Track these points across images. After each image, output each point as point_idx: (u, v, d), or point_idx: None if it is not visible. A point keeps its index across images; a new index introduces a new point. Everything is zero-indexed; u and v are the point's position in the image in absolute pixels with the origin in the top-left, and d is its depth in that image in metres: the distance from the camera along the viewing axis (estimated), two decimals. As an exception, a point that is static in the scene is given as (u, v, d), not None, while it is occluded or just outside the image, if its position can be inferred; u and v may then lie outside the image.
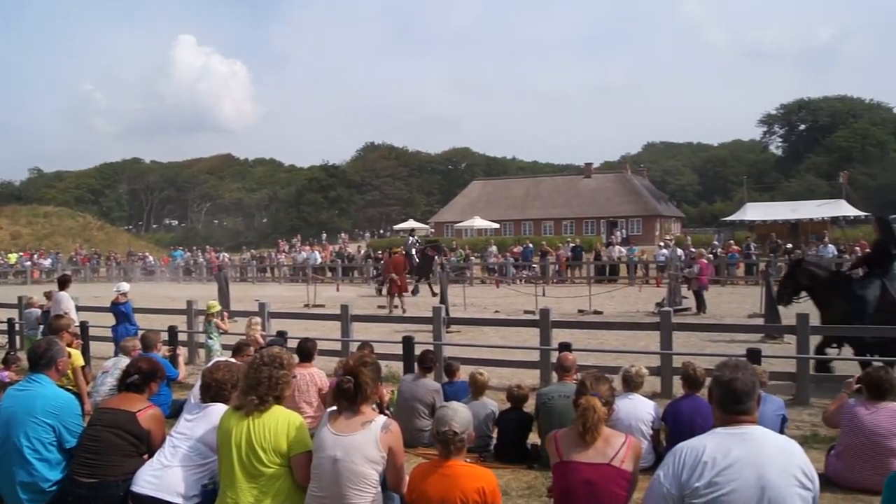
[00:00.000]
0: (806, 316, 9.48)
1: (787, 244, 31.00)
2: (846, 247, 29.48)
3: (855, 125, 75.10)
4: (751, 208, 41.50)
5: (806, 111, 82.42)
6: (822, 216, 38.15)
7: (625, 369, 6.57)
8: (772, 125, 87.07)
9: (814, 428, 7.88)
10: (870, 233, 36.67)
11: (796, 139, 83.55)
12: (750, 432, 3.02)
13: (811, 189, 60.09)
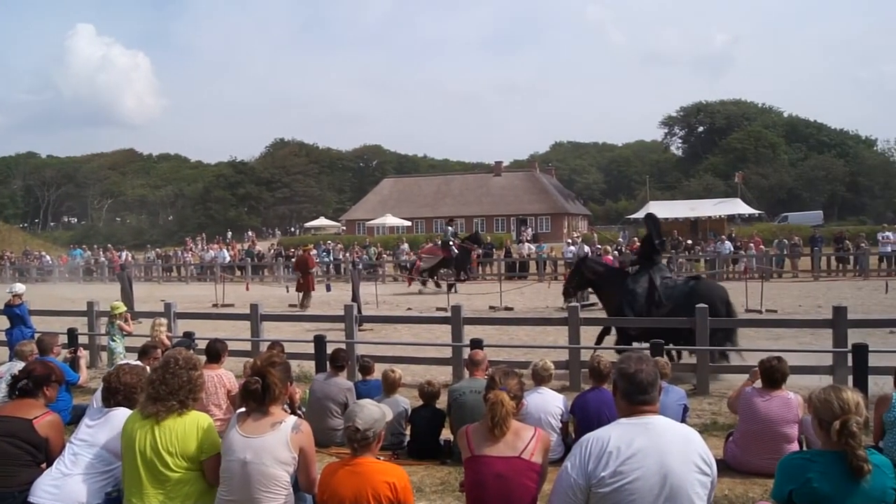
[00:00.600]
0: (705, 309, 9.91)
1: (687, 241, 32.34)
2: (741, 243, 30.90)
3: (749, 128, 78.75)
4: (653, 206, 42.92)
5: (704, 114, 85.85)
6: (719, 214, 39.89)
7: (534, 364, 6.71)
8: (672, 127, 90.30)
9: (713, 416, 8.26)
10: (763, 230, 38.65)
11: (695, 140, 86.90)
12: (652, 422, 3.15)
13: (709, 188, 62.65)
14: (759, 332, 12.67)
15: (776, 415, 5.79)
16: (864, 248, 28.46)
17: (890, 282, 22.09)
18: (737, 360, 10.15)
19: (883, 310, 16.48)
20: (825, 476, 3.20)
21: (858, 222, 51.66)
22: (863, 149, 76.83)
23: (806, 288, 23.02)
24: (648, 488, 2.99)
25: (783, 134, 79.48)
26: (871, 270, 27.08)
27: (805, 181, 65.92)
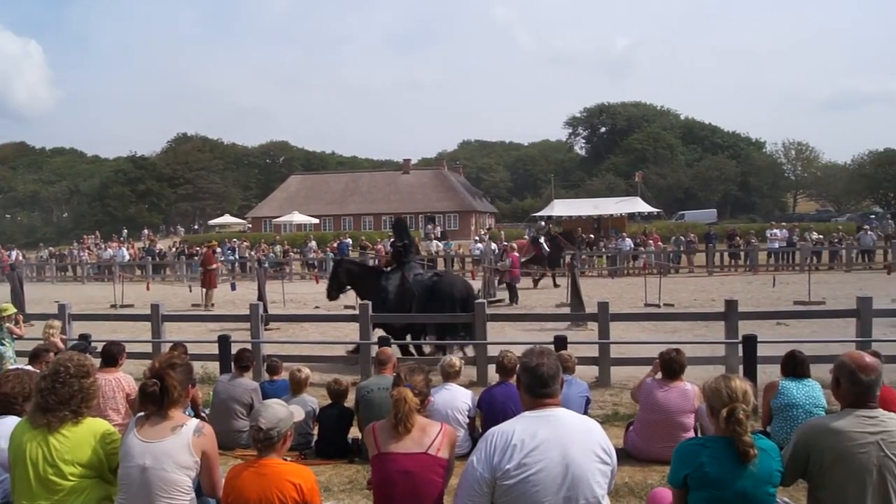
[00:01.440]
0: (606, 304, 10.24)
1: (590, 238, 33.24)
2: (641, 240, 31.98)
3: (648, 129, 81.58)
4: (558, 205, 43.88)
5: (606, 115, 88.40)
6: (620, 212, 41.15)
7: (441, 361, 6.78)
8: (576, 127, 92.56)
9: (615, 407, 8.53)
10: (662, 227, 40.11)
11: (598, 141, 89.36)
12: (555, 414, 3.24)
13: (611, 187, 64.54)
14: (656, 325, 13.16)
15: (674, 405, 6.03)
16: (754, 245, 29.97)
17: (777, 276, 23.38)
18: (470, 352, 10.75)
19: (771, 303, 17.39)
20: (716, 460, 3.37)
21: (749, 220, 54.37)
22: (753, 150, 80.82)
23: (701, 282, 24.04)
24: (551, 479, 3.07)
25: (680, 136, 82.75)
26: (760, 266, 28.53)
27: (700, 181, 68.77)
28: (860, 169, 60.54)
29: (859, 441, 3.44)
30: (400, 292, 11.68)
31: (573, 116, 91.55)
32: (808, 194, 72.70)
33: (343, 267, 13.02)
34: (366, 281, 12.33)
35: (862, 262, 28.74)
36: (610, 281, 25.26)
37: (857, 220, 42.89)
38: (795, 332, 12.16)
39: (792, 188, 74.54)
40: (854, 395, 3.60)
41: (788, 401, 5.81)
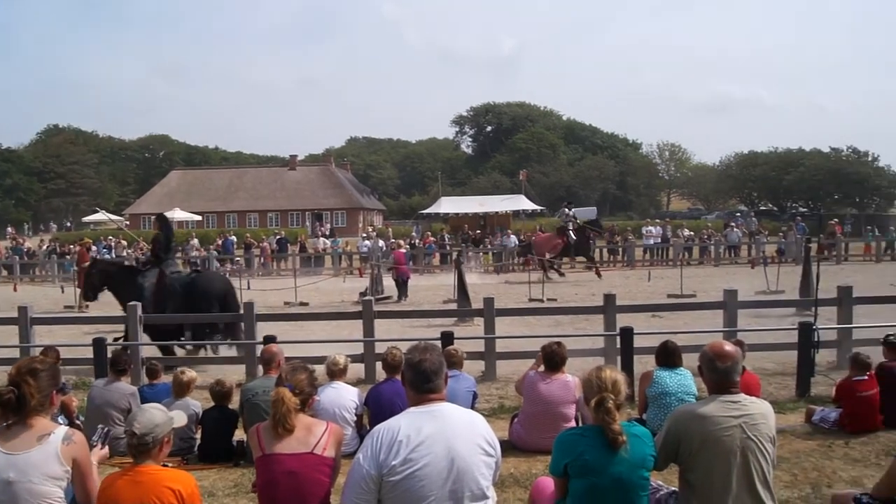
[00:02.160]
0: (491, 300, 10.46)
1: (476, 234, 33.75)
2: (525, 237, 32.74)
3: (532, 129, 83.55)
4: (445, 202, 44.31)
5: (492, 114, 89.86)
6: (505, 209, 42.00)
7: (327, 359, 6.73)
8: (463, 126, 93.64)
9: (500, 400, 8.74)
10: (545, 224, 41.17)
11: (484, 139, 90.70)
12: (439, 409, 3.29)
13: (497, 185, 65.67)
14: (540, 319, 13.54)
15: (556, 396, 6.24)
16: (631, 242, 31.33)
17: (652, 271, 24.51)
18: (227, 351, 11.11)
19: (646, 296, 18.23)
20: (593, 448, 3.52)
21: (626, 217, 56.67)
22: (630, 151, 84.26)
23: (582, 277, 24.85)
24: (437, 473, 3.12)
25: (562, 136, 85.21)
26: (636, 261, 29.84)
27: (581, 180, 71.03)
28: (727, 170, 64.15)
29: (724, 425, 3.69)
30: (157, 291, 11.62)
31: (460, 115, 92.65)
32: (681, 193, 76.49)
33: (97, 268, 12.95)
34: (122, 281, 12.20)
35: (729, 257, 30.56)
36: (495, 277, 25.75)
37: (725, 217, 45.48)
38: (669, 323, 12.75)
39: (666, 187, 78.19)
40: (714, 382, 3.87)
41: (662, 389, 6.13)
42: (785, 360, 9.87)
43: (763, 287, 18.09)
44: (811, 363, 8.83)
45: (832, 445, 6.34)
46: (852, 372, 6.94)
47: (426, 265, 29.86)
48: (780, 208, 57.67)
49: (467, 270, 18.59)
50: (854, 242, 32.44)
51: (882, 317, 11.03)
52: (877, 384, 6.68)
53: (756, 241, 30.92)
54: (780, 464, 5.66)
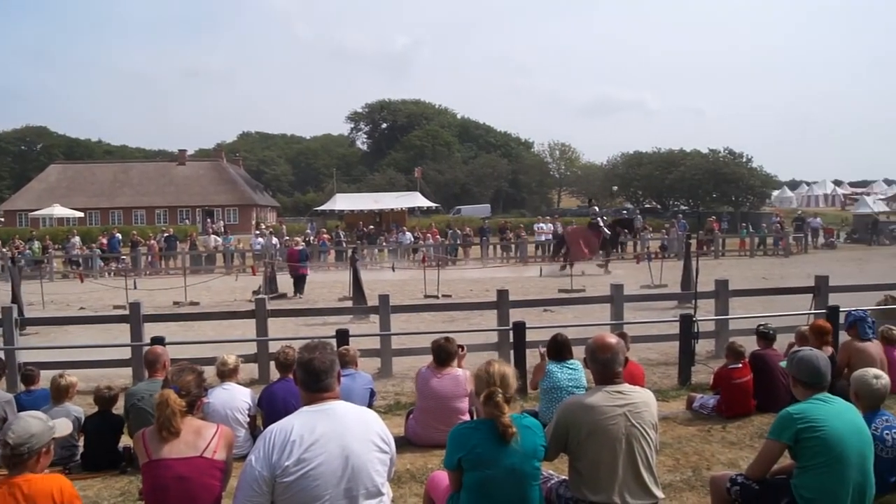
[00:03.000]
0: (387, 297, 10.47)
1: (371, 231, 33.65)
2: (420, 234, 32.89)
3: (427, 127, 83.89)
4: (340, 199, 43.93)
5: (387, 111, 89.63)
6: (401, 206, 42.05)
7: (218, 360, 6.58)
8: (358, 122, 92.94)
9: (397, 397, 8.77)
10: (439, 221, 41.49)
11: (379, 136, 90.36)
12: (333, 408, 3.27)
13: (392, 182, 65.56)
14: (435, 315, 13.65)
15: (448, 391, 6.31)
16: (524, 238, 32.01)
17: (543, 266, 25.11)
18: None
19: (538, 291, 18.66)
20: (486, 441, 3.59)
21: (519, 215, 57.71)
22: (522, 150, 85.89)
23: (476, 274, 25.20)
24: (331, 472, 3.11)
25: (457, 134, 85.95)
26: (529, 257, 30.50)
27: (475, 177, 71.83)
28: (614, 169, 66.27)
29: (609, 414, 3.84)
30: None
31: (355, 112, 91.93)
32: (571, 191, 78.46)
33: None
34: None
35: (616, 253, 31.64)
36: (391, 273, 25.75)
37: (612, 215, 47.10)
38: (560, 317, 13.15)
39: (556, 185, 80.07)
40: (598, 373, 4.03)
41: (553, 383, 6.31)
42: (668, 351, 10.36)
43: (648, 281, 18.87)
44: (691, 353, 9.30)
45: (711, 430, 6.69)
46: (728, 360, 7.35)
47: (321, 262, 29.52)
48: (663, 206, 60.16)
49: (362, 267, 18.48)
50: (730, 238, 34.32)
51: (755, 308, 11.76)
52: (750, 371, 7.10)
53: (641, 237, 32.24)
54: (664, 449, 5.94)
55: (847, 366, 6.81)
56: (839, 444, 4.05)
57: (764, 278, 20.52)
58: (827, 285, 10.97)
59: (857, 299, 10.89)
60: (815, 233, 34.86)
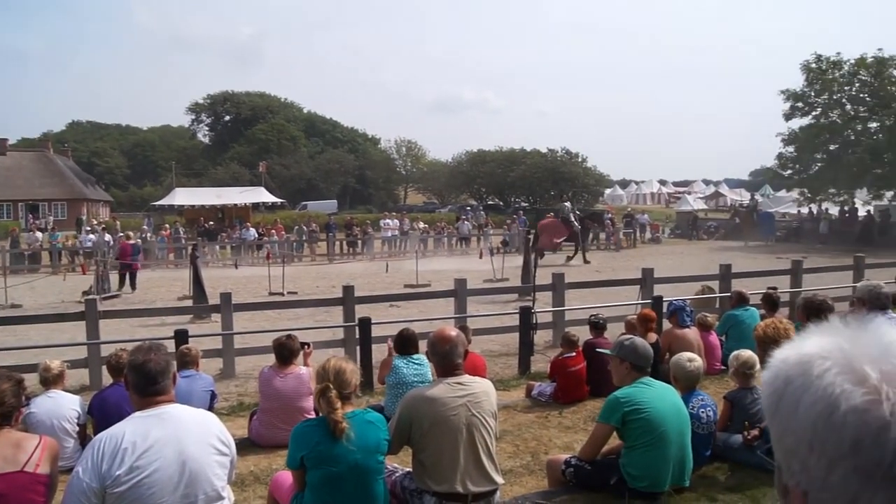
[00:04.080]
0: (229, 295, 10.18)
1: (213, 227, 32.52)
2: (265, 230, 32.15)
3: (272, 120, 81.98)
4: (180, 193, 42.14)
5: (231, 103, 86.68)
6: (245, 202, 40.88)
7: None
8: (199, 114, 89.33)
9: (240, 398, 8.54)
10: (285, 217, 40.77)
11: (222, 129, 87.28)
12: (168, 411, 3.15)
13: (235, 177, 63.62)
14: (280, 313, 13.42)
15: (292, 389, 6.24)
16: (370, 234, 32.08)
17: (390, 262, 25.28)
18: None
19: (385, 287, 18.75)
20: (329, 438, 3.60)
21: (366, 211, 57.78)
22: (369, 146, 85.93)
23: (322, 270, 24.96)
24: (167, 478, 2.99)
25: (303, 128, 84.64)
26: (375, 253, 30.59)
27: (322, 173, 71.10)
28: (459, 166, 67.75)
29: (451, 405, 3.95)
30: None
31: (196, 103, 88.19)
32: (417, 188, 79.37)
33: None
34: None
35: (460, 248, 32.42)
36: (234, 271, 24.99)
37: (457, 211, 48.08)
38: (406, 312, 13.26)
39: (403, 182, 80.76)
40: (439, 365, 4.14)
41: (398, 378, 6.38)
42: (509, 342, 10.73)
43: (490, 276, 19.44)
44: (531, 343, 9.71)
45: (548, 416, 7.02)
46: (563, 349, 7.75)
47: (160, 259, 28.19)
48: (504, 203, 62.20)
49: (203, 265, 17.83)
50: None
51: (589, 299, 12.42)
52: (583, 359, 7.52)
53: (484, 233, 33.18)
54: (505, 436, 6.17)
55: (668, 351, 7.35)
56: (661, 424, 4.40)
57: (597, 271, 21.67)
58: (652, 277, 11.77)
59: (678, 290, 11.81)
60: (642, 228, 37.33)
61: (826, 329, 0.86)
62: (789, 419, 0.82)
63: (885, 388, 0.77)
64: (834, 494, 0.78)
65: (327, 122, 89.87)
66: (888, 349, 0.80)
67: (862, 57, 35.67)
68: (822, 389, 0.79)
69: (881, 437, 0.75)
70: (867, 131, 36.28)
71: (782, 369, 0.86)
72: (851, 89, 36.68)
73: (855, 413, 0.76)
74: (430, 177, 74.07)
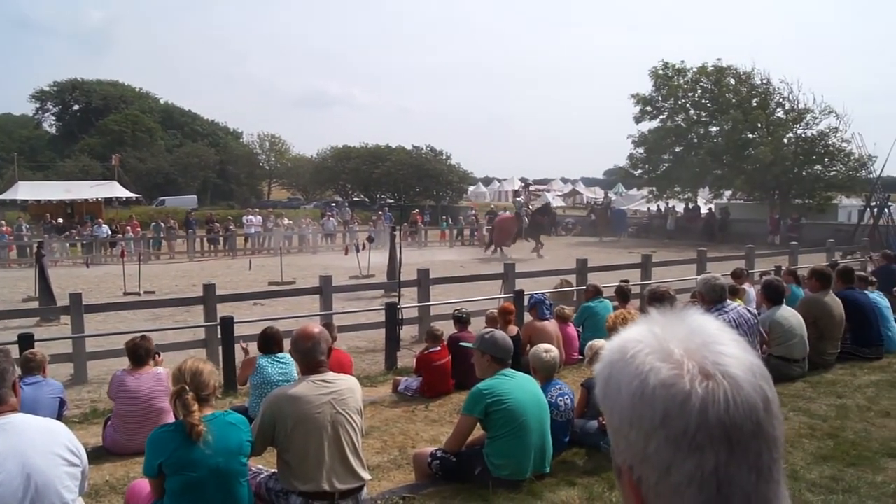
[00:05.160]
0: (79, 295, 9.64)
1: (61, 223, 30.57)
2: (119, 226, 30.56)
3: (126, 111, 77.81)
4: (23, 187, 39.17)
5: (80, 92, 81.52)
6: (96, 196, 38.60)
7: None
8: (45, 102, 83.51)
9: (93, 404, 8.10)
10: (141, 213, 38.89)
11: (70, 119, 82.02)
12: (10, 422, 2.95)
13: (86, 170, 59.98)
14: (136, 313, 12.82)
15: (148, 391, 5.98)
16: (232, 231, 31.17)
17: (253, 259, 24.69)
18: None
19: (248, 285, 18.31)
20: (189, 442, 3.49)
21: (227, 206, 55.99)
22: (231, 140, 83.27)
23: (182, 268, 24.04)
24: (11, 493, 2.80)
25: (160, 120, 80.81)
26: (238, 250, 29.75)
27: (181, 167, 68.30)
28: (324, 162, 66.99)
29: (315, 403, 3.94)
30: None
31: (41, 90, 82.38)
32: (281, 183, 77.82)
33: None
34: None
35: (326, 245, 32.12)
36: (85, 270, 23.60)
37: (322, 207, 47.54)
38: (271, 310, 13.03)
39: (266, 177, 78.98)
40: (302, 362, 4.12)
41: (263, 378, 6.28)
42: (375, 338, 10.77)
43: (356, 272, 19.39)
44: (397, 339, 9.79)
45: (415, 410, 7.11)
46: (427, 344, 7.88)
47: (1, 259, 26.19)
48: (370, 199, 62.07)
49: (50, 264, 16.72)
50: (432, 230, 36.46)
51: (454, 294, 12.66)
52: (448, 353, 7.67)
53: (350, 229, 33.01)
54: (372, 432, 6.20)
55: (529, 343, 7.62)
56: (522, 414, 4.58)
57: (462, 267, 22.08)
58: (514, 272, 12.15)
59: (538, 284, 12.26)
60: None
61: (645, 318, 0.95)
62: (615, 400, 0.89)
63: (687, 363, 0.85)
64: (652, 465, 0.85)
65: (186, 114, 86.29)
66: (693, 331, 0.89)
67: (703, 65, 38.43)
68: (635, 368, 0.87)
69: (685, 408, 0.82)
70: (708, 135, 39.10)
71: (607, 356, 0.93)
72: (694, 95, 39.43)
73: (663, 387, 0.84)
74: (295, 172, 72.81)
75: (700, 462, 0.82)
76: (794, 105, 36.57)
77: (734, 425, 0.82)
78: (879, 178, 29.58)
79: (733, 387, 0.83)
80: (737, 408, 0.82)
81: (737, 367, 0.85)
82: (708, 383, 0.83)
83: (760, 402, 0.84)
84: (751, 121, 35.93)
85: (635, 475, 0.88)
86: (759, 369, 0.87)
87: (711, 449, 0.82)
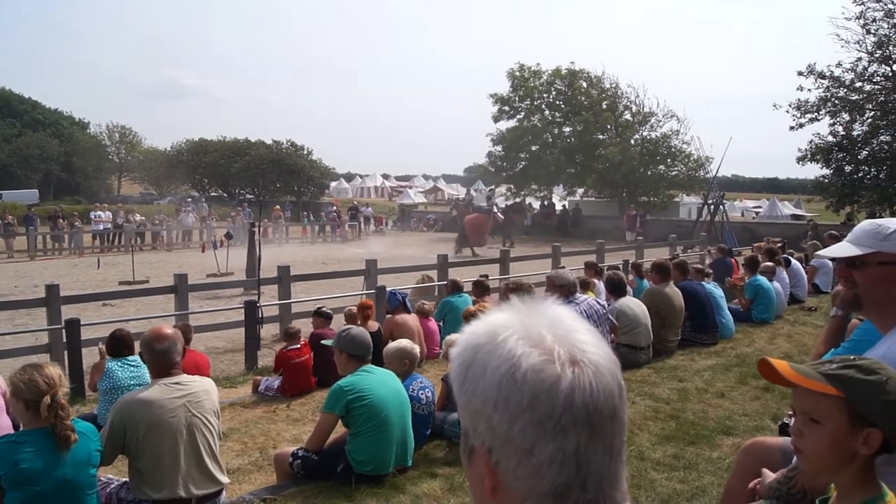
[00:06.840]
0: None
1: None
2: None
3: None
4: None
5: None
6: None
7: None
8: None
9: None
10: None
11: None
12: None
13: None
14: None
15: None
16: (78, 228, 29.33)
17: (102, 258, 23.38)
18: None
19: (96, 285, 17.34)
20: (36, 454, 3.30)
21: (74, 202, 52.67)
22: (77, 130, 78.21)
23: (23, 268, 22.42)
24: None
25: None
26: (85, 248, 28.05)
27: (20, 158, 63.65)
28: (179, 156, 64.29)
29: (168, 407, 3.83)
30: None
31: None
32: (133, 177, 74.17)
33: None
34: None
35: (181, 242, 30.90)
36: None
37: (177, 202, 45.65)
38: (122, 311, 12.45)
39: (116, 171, 75.04)
40: (154, 365, 3.99)
41: (113, 382, 5.98)
42: (235, 338, 10.53)
43: (214, 269, 18.80)
44: (257, 338, 9.60)
45: (276, 410, 7.01)
46: (287, 342, 7.79)
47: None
48: (229, 194, 60.23)
49: None
50: (293, 226, 35.92)
51: (316, 291, 12.56)
52: (310, 350, 7.61)
53: (207, 225, 31.91)
54: (232, 434, 6.07)
55: (391, 338, 7.69)
56: (384, 409, 4.63)
57: (324, 263, 21.89)
58: (376, 268, 12.18)
59: (400, 279, 12.38)
60: (367, 220, 38.36)
61: (508, 307, 0.99)
62: (477, 382, 0.92)
63: (557, 349, 0.90)
64: (514, 446, 0.89)
65: (26, 101, 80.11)
66: (557, 319, 0.94)
67: (557, 68, 40.06)
68: (506, 352, 0.90)
69: (553, 391, 0.87)
70: (562, 135, 40.86)
71: (471, 340, 0.96)
72: (549, 97, 40.99)
73: (533, 371, 0.88)
74: (148, 166, 69.45)
75: (563, 444, 0.88)
76: (640, 108, 38.89)
77: (596, 409, 0.88)
78: (715, 177, 31.82)
79: (596, 374, 0.89)
80: (599, 393, 0.88)
81: (597, 355, 0.91)
82: (575, 369, 0.88)
83: (616, 388, 0.91)
84: (601, 122, 37.91)
85: (493, 457, 0.91)
86: (613, 357, 0.94)
87: (574, 431, 0.87)
